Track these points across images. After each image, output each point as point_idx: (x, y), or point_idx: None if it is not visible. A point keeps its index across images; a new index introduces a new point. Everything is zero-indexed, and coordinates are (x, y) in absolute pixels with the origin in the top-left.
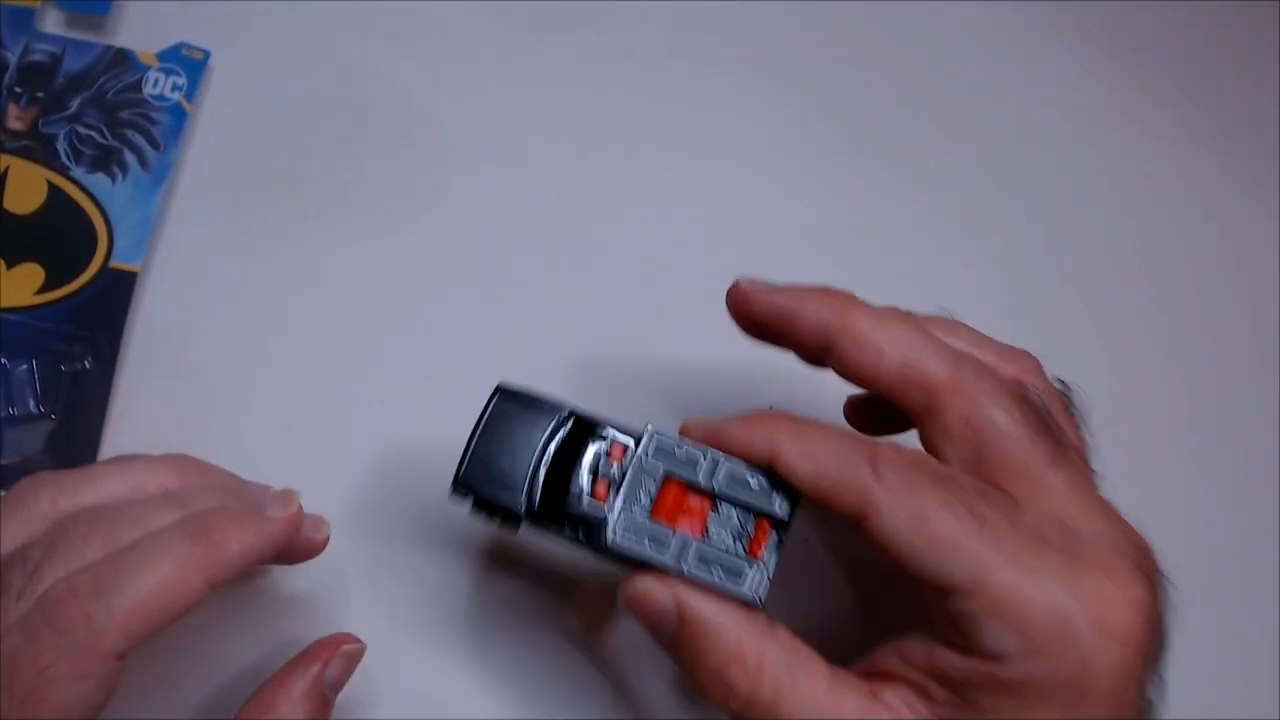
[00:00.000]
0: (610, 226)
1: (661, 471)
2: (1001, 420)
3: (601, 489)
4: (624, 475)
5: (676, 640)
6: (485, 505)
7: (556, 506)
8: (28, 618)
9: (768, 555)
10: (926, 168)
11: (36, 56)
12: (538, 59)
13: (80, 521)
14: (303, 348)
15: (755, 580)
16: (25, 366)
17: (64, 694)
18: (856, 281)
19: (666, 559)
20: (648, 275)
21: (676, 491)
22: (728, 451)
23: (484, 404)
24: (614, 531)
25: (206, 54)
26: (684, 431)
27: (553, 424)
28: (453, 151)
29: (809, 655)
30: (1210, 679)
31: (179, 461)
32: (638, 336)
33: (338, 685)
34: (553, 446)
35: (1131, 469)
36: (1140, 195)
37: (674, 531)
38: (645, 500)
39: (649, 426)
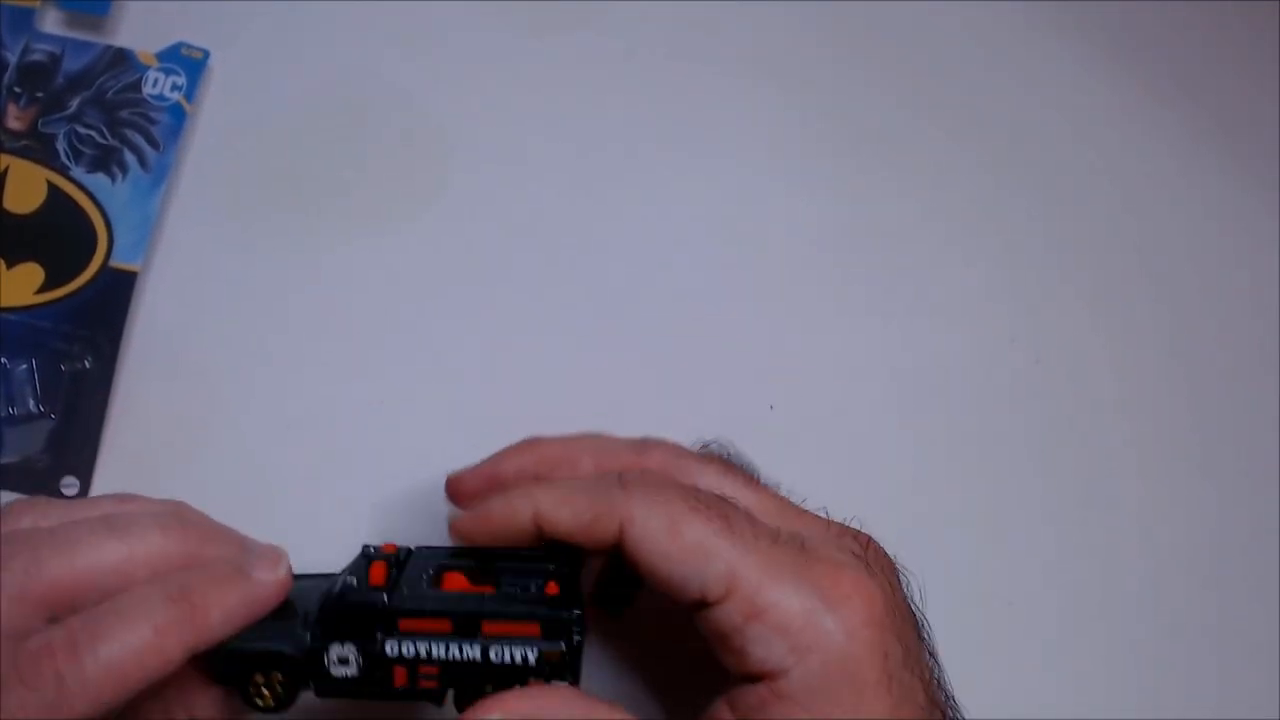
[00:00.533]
0: (610, 226)
1: (439, 562)
2: (678, 512)
3: (379, 571)
4: (401, 563)
5: None
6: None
7: (339, 620)
8: (2, 670)
9: (567, 593)
10: (927, 167)
11: (36, 56)
12: (538, 59)
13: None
14: (303, 347)
15: (566, 606)
16: (25, 366)
17: None
18: (857, 281)
19: (468, 605)
20: (647, 274)
21: (458, 576)
22: (495, 531)
23: None
24: (403, 591)
25: (206, 54)
26: (455, 530)
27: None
28: (453, 151)
29: None
30: (1210, 679)
31: (176, 514)
32: (637, 335)
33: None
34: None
35: (1132, 468)
36: (1140, 195)
37: (467, 592)
38: (426, 579)
39: (412, 546)
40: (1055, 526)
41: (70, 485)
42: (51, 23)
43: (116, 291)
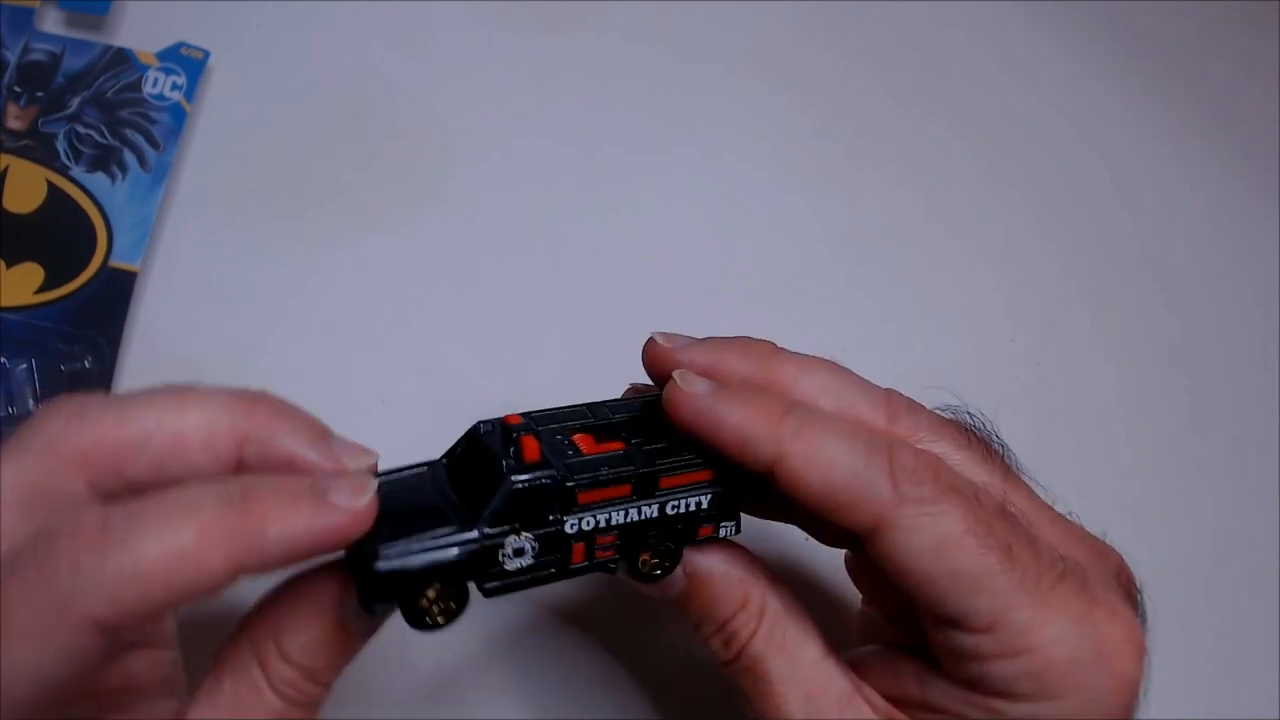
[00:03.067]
0: (610, 225)
1: (560, 426)
2: (945, 451)
3: (532, 448)
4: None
5: (685, 598)
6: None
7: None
8: (20, 548)
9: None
10: (927, 167)
11: (36, 56)
12: (538, 59)
13: None
14: (302, 347)
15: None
16: (25, 366)
17: (16, 652)
18: (857, 281)
19: (640, 463)
20: (648, 274)
21: (586, 438)
22: (722, 444)
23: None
24: (565, 463)
25: (206, 53)
26: (657, 358)
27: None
28: (452, 151)
29: (807, 622)
30: (1210, 679)
31: (248, 393)
32: (637, 335)
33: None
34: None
35: (1132, 468)
36: (1141, 195)
37: (623, 450)
38: (566, 446)
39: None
40: None
41: None
42: (51, 22)
43: (116, 291)
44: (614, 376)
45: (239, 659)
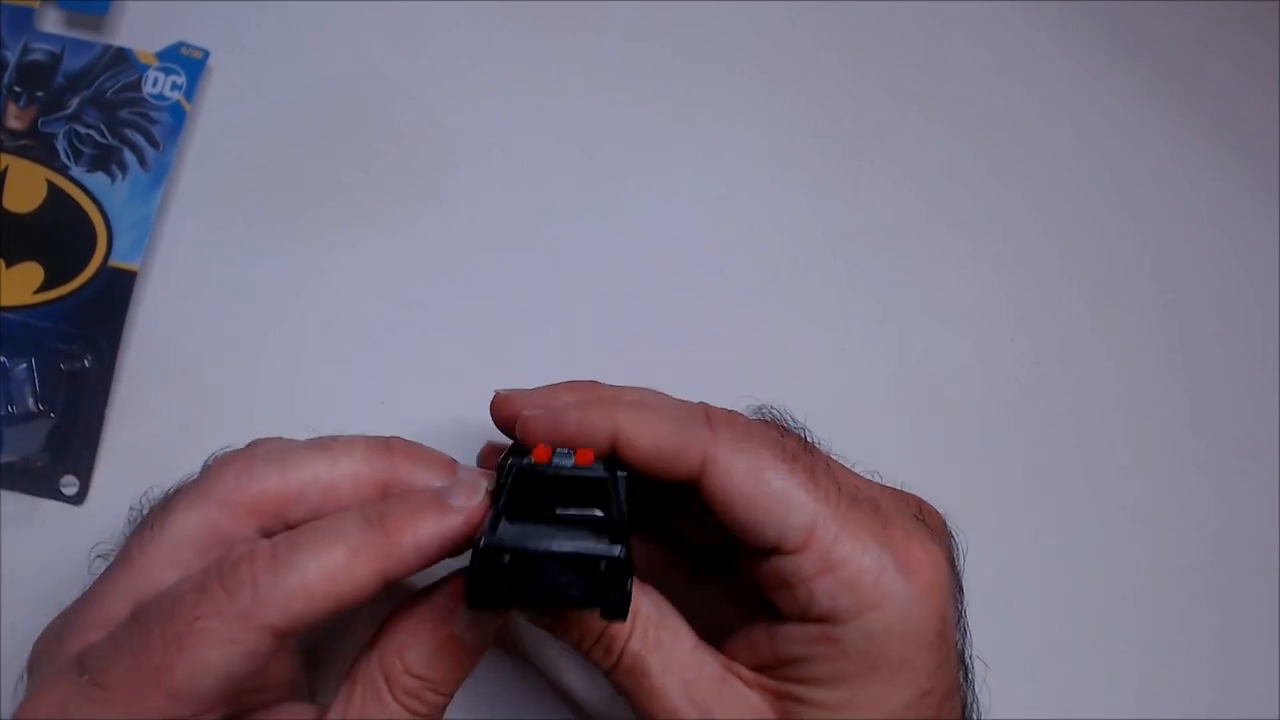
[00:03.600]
0: (610, 225)
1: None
2: (765, 459)
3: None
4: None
5: (563, 620)
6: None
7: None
8: (208, 568)
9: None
10: (927, 167)
11: (36, 56)
12: (538, 59)
13: None
14: (303, 347)
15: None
16: (24, 365)
17: (207, 651)
18: (857, 281)
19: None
20: (648, 274)
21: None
22: (566, 437)
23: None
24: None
25: (206, 53)
26: (523, 427)
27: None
28: (452, 151)
29: (678, 618)
30: (1210, 679)
31: (385, 441)
32: (638, 335)
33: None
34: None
35: (1132, 468)
36: (1141, 195)
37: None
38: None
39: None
40: (1055, 526)
41: (70, 485)
42: (51, 22)
43: (116, 291)
44: (614, 376)
45: (368, 670)
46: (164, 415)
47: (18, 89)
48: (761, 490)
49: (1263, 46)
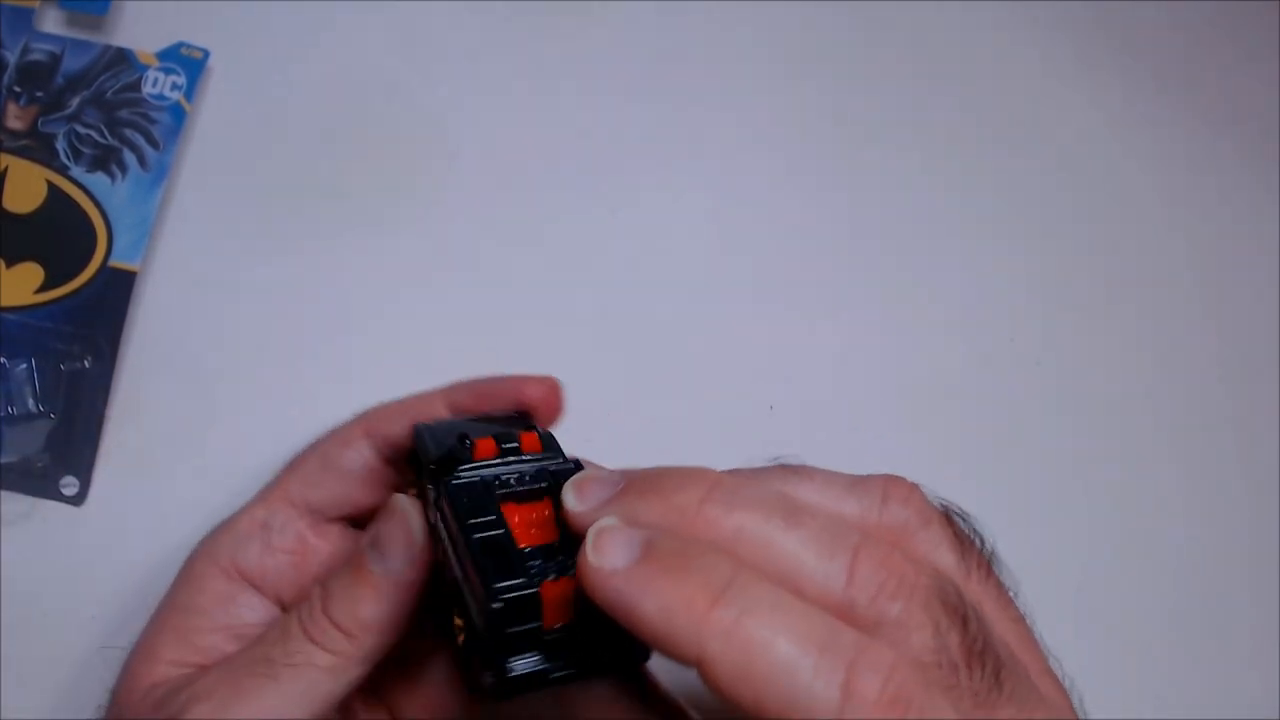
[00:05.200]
0: (610, 226)
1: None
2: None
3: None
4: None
5: None
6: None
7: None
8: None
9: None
10: (927, 168)
11: (36, 56)
12: (538, 59)
13: None
14: (302, 347)
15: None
16: (24, 365)
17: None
18: (857, 281)
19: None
20: (648, 274)
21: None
22: (640, 634)
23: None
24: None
25: (206, 53)
26: (580, 566)
27: None
28: (452, 151)
29: None
30: (1210, 679)
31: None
32: (638, 335)
33: None
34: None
35: (1132, 467)
36: (1141, 195)
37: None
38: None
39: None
40: (1055, 525)
41: (70, 485)
42: (51, 22)
43: (116, 291)
44: (614, 376)
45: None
46: (164, 415)
47: (18, 89)
48: None
49: (1263, 46)
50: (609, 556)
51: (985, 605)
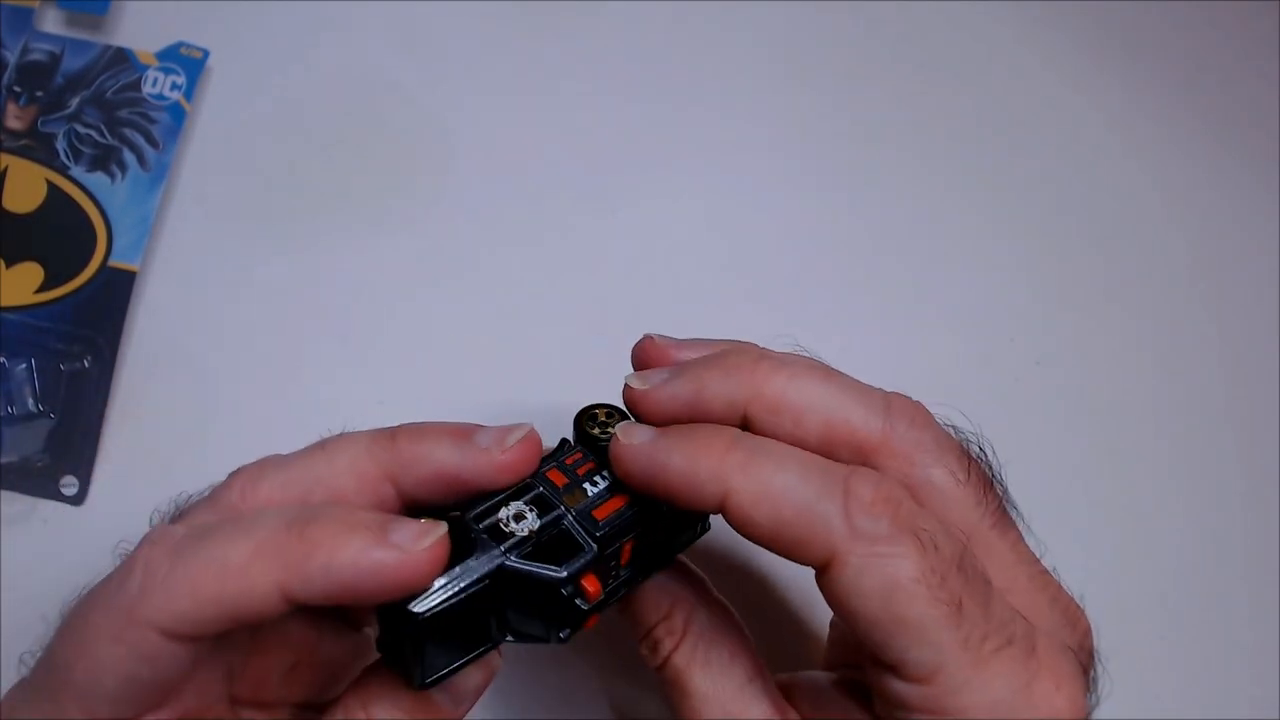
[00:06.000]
0: (611, 225)
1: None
2: (942, 480)
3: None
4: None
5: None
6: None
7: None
8: (124, 554)
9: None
10: (927, 168)
11: (35, 56)
12: (538, 59)
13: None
14: (302, 348)
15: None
16: (24, 365)
17: (97, 651)
18: (857, 281)
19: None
20: (648, 274)
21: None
22: (670, 491)
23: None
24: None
25: (205, 53)
26: (619, 450)
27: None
28: (453, 151)
29: (738, 643)
30: (1210, 679)
31: (389, 437)
32: (638, 334)
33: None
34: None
35: (1132, 468)
36: (1140, 195)
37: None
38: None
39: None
40: (1054, 525)
41: (69, 485)
42: (51, 22)
43: (116, 291)
44: (614, 376)
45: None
46: (164, 415)
47: (18, 89)
48: (890, 614)
49: (1263, 46)
50: (636, 435)
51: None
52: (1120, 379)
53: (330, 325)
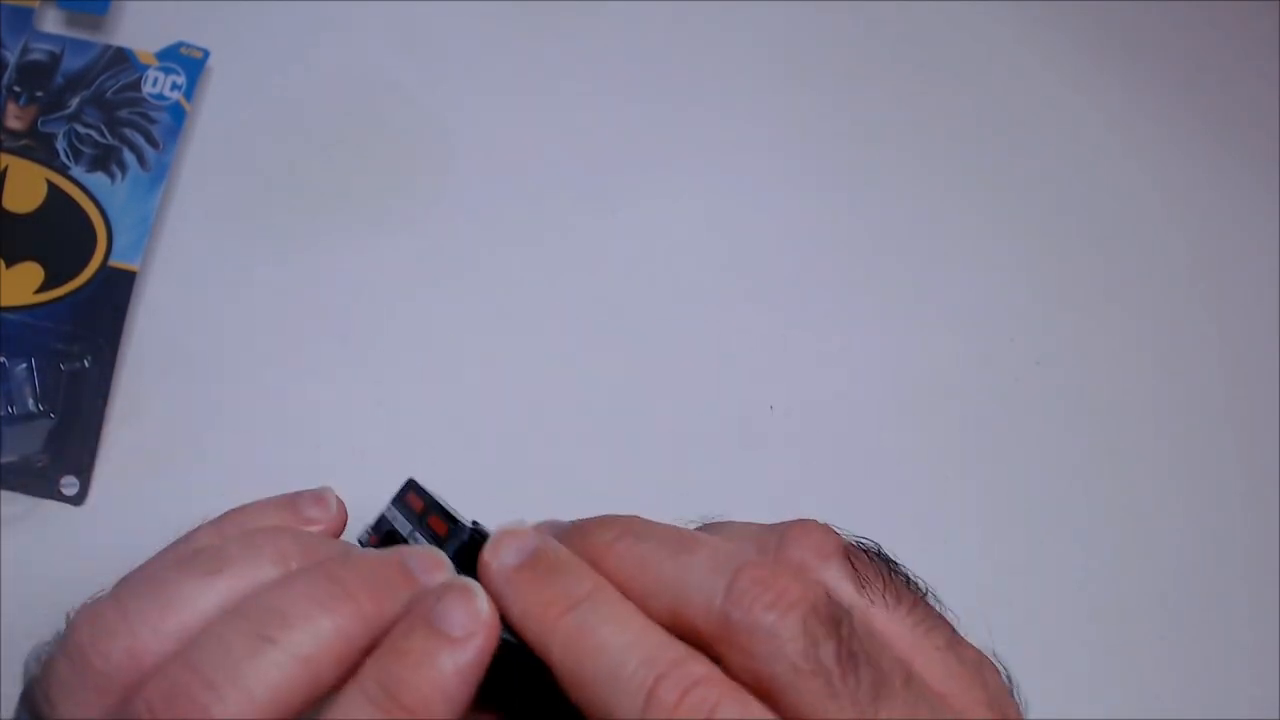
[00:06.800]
0: (611, 225)
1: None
2: (784, 671)
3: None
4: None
5: None
6: None
7: None
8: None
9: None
10: (927, 168)
11: (35, 56)
12: (538, 59)
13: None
14: (302, 348)
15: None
16: (24, 365)
17: None
18: (857, 281)
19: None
20: (649, 274)
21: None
22: (506, 622)
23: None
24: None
25: (205, 53)
26: (481, 557)
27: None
28: (453, 151)
29: None
30: (1210, 679)
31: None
32: (638, 335)
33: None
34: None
35: (1132, 468)
36: (1140, 195)
37: None
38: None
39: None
40: (1055, 527)
41: (70, 485)
42: (51, 22)
43: (116, 291)
44: (614, 376)
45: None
46: (164, 415)
47: (18, 89)
48: None
49: (1263, 46)
50: (500, 555)
51: (891, 629)
52: (1120, 379)
53: (330, 325)
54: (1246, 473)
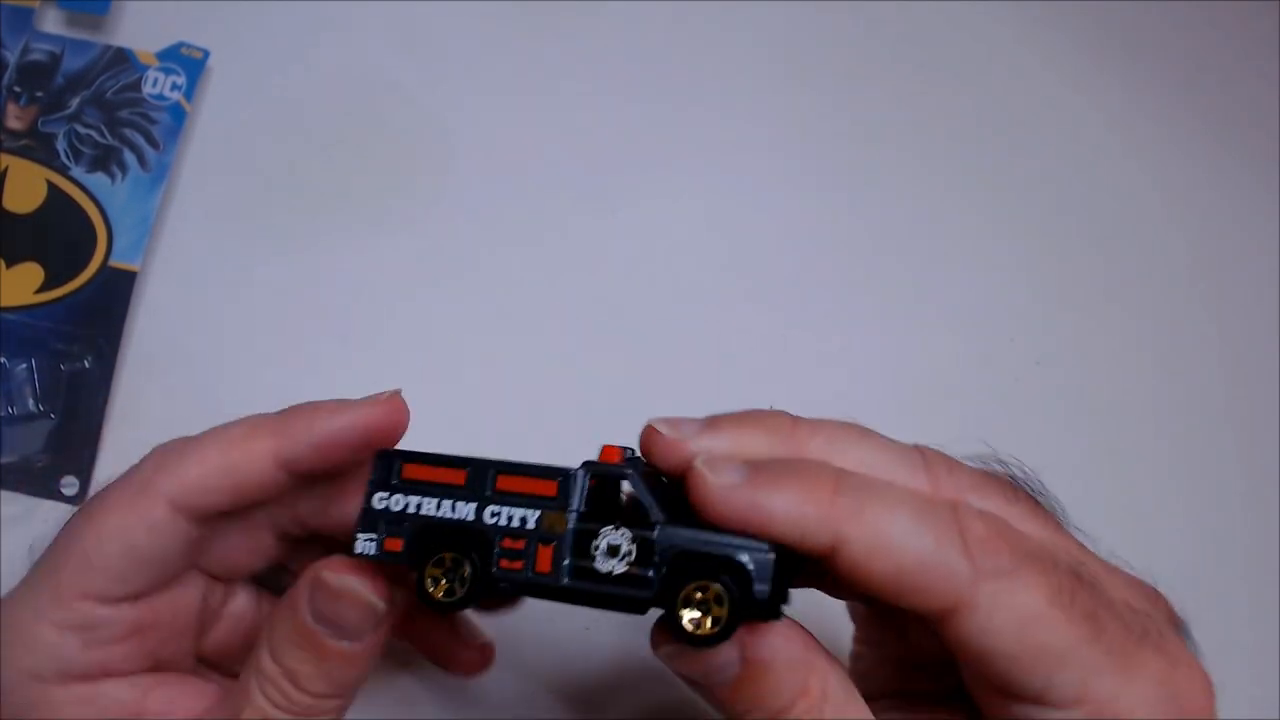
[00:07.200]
0: (611, 225)
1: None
2: (999, 512)
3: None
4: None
5: (736, 685)
6: None
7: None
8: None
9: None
10: (927, 168)
11: (36, 56)
12: (538, 59)
13: None
14: (302, 348)
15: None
16: (25, 365)
17: (110, 520)
18: (857, 281)
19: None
20: (649, 274)
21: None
22: (771, 534)
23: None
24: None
25: (206, 53)
26: (667, 451)
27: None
28: (453, 151)
29: (860, 700)
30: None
31: (280, 420)
32: (638, 334)
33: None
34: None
35: (1133, 466)
36: (1140, 195)
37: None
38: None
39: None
40: None
41: (70, 485)
42: (51, 22)
43: (116, 291)
44: (614, 376)
45: (253, 657)
46: (164, 415)
47: (18, 89)
48: (1029, 645)
49: (1263, 46)
50: (726, 475)
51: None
52: (1120, 379)
53: (330, 325)
54: (1246, 473)
